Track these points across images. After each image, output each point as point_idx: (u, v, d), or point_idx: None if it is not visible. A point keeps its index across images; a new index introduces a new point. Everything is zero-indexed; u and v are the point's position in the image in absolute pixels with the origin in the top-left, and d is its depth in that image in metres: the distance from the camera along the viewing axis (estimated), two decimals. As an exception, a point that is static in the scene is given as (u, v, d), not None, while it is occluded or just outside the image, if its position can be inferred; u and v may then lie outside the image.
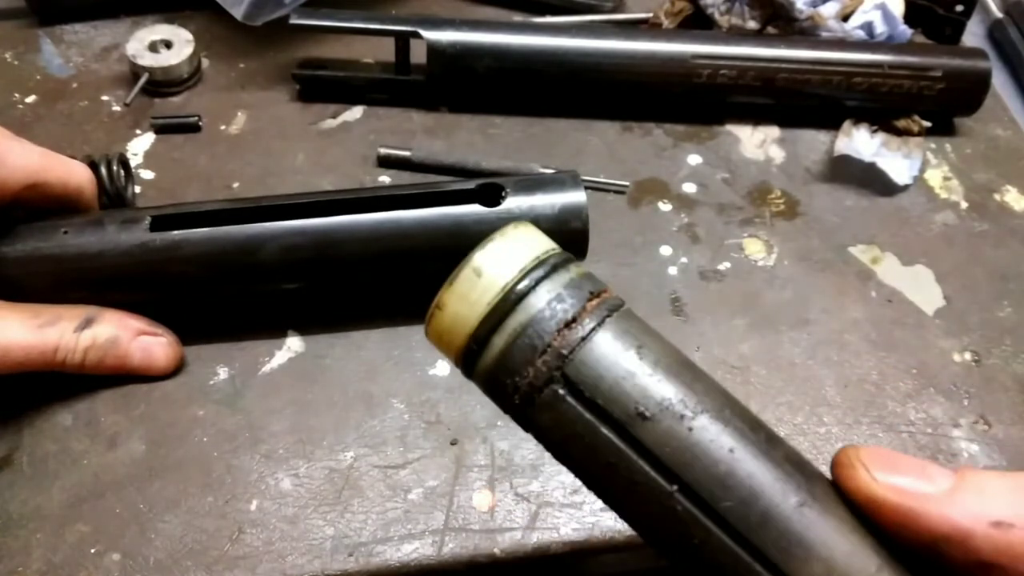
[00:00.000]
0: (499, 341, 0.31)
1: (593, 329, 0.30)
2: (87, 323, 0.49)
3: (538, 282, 0.31)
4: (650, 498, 0.29)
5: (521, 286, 0.31)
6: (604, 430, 0.30)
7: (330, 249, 0.50)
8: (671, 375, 0.30)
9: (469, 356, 0.31)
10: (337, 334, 0.54)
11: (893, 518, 0.28)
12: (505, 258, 0.31)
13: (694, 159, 0.66)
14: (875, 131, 0.67)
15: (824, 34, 0.68)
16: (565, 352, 0.30)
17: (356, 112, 0.67)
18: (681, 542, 0.29)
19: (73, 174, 0.51)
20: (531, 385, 0.30)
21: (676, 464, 0.29)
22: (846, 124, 0.67)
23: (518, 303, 0.31)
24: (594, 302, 0.31)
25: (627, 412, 0.29)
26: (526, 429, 0.31)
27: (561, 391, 0.30)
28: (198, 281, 0.51)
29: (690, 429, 0.29)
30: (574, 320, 0.30)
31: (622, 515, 0.31)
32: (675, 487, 0.29)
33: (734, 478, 0.29)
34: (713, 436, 0.29)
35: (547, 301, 0.31)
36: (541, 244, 0.32)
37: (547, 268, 0.31)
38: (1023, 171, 0.67)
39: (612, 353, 0.30)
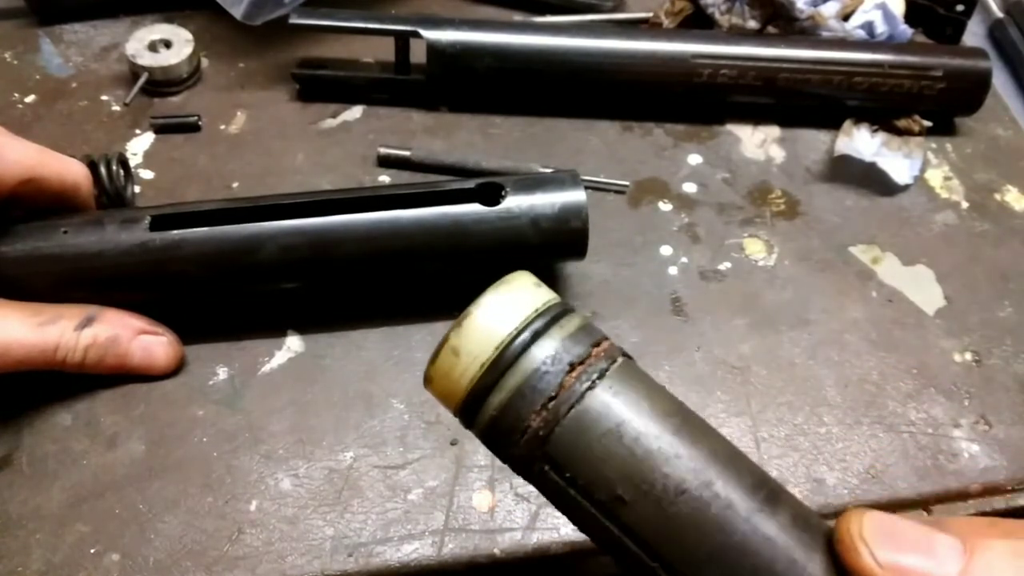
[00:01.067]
0: (482, 420, 0.31)
1: (571, 407, 0.30)
2: (88, 322, 0.49)
3: (516, 357, 0.30)
4: (637, 568, 0.29)
5: (501, 363, 0.30)
6: (588, 506, 0.30)
7: (330, 249, 0.50)
8: (651, 454, 0.29)
9: (464, 422, 0.32)
10: (337, 334, 0.54)
11: None
12: (482, 337, 0.30)
13: (694, 159, 0.66)
14: (876, 131, 0.67)
15: (825, 34, 0.68)
16: (543, 434, 0.30)
17: (356, 112, 0.67)
18: None
19: (70, 171, 0.51)
20: (520, 459, 0.31)
21: (657, 544, 0.29)
22: (846, 124, 0.67)
23: (496, 383, 0.30)
24: (575, 373, 0.30)
25: (608, 494, 0.29)
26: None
27: (546, 467, 0.30)
28: (198, 281, 0.51)
29: (670, 512, 0.29)
30: (552, 399, 0.30)
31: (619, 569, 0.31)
32: (656, 564, 0.29)
33: (718, 560, 0.28)
34: (696, 517, 0.28)
35: (524, 378, 0.30)
36: (520, 311, 0.31)
37: (526, 340, 0.30)
38: (1023, 171, 0.67)
39: (588, 435, 0.29)
